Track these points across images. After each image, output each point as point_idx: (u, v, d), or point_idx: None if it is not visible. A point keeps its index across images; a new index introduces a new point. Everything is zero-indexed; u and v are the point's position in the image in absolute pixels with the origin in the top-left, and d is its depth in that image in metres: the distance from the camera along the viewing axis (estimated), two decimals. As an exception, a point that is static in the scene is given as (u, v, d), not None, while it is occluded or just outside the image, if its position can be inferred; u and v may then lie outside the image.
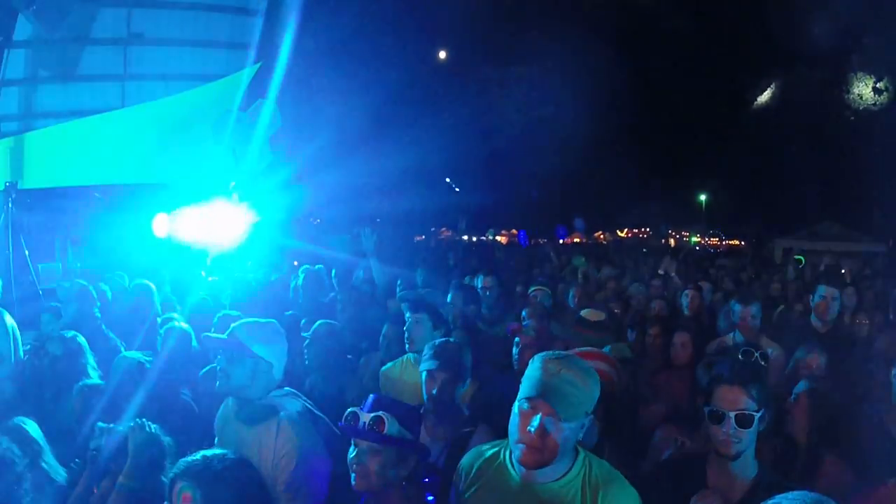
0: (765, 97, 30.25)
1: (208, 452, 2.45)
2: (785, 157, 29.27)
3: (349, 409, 2.65)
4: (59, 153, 10.94)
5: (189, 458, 2.41)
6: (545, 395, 2.28)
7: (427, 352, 3.59)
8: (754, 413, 2.71)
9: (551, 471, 2.34)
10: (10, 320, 5.12)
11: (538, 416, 2.26)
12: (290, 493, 2.99)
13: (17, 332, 5.21)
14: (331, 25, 11.31)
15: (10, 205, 8.26)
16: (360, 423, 2.56)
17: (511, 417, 2.38)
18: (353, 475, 2.57)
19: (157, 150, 11.34)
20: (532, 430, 2.26)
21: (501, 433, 3.34)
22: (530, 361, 2.44)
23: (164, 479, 2.62)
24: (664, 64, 27.21)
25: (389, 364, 4.50)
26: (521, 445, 2.31)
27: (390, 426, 2.54)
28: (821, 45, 24.32)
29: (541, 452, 2.28)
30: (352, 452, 2.59)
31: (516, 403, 2.37)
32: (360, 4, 17.55)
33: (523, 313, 5.67)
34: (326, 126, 15.45)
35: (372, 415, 2.56)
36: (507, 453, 2.48)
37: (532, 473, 2.35)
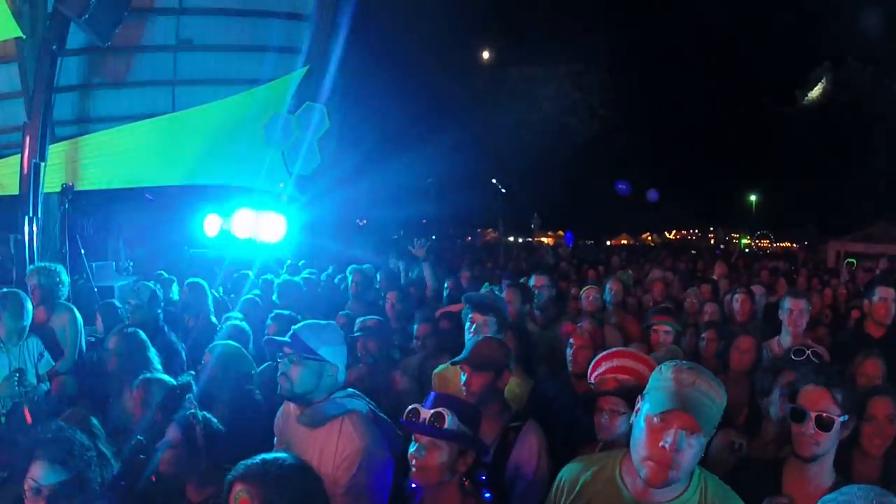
0: (815, 93, 29.38)
1: (268, 456, 2.38)
2: (837, 155, 28.42)
3: (411, 406, 2.64)
4: (112, 156, 11.19)
5: (247, 462, 2.34)
6: (681, 407, 2.09)
7: (467, 350, 3.48)
8: (836, 417, 2.57)
9: (669, 490, 2.18)
10: (79, 317, 5.22)
11: (672, 431, 2.08)
12: (351, 496, 2.89)
13: (83, 328, 5.32)
14: (378, 29, 11.30)
15: (66, 206, 8.44)
16: (421, 419, 2.57)
17: (635, 431, 2.21)
18: (412, 469, 2.56)
19: (208, 152, 11.51)
20: (666, 445, 2.07)
21: (551, 429, 3.29)
22: (656, 371, 2.26)
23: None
24: (712, 60, 26.71)
25: (443, 366, 4.38)
26: (650, 463, 2.12)
27: (450, 422, 2.54)
28: (873, 39, 23.55)
29: (672, 470, 2.10)
30: (412, 447, 2.57)
31: (641, 417, 2.19)
32: (405, 8, 17.63)
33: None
34: (374, 128, 15.50)
35: (433, 411, 2.57)
36: (617, 469, 2.33)
37: (648, 492, 2.19)
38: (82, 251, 8.71)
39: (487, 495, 2.65)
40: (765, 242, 42.53)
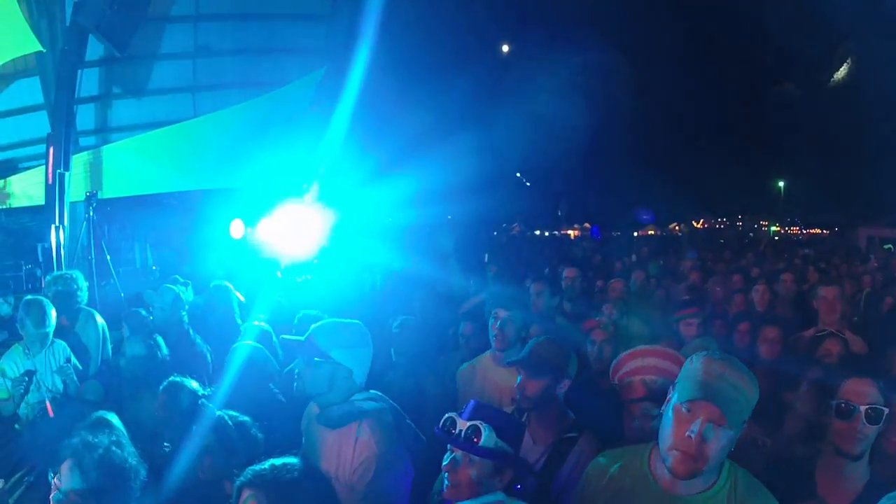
0: (841, 74, 28.68)
1: (277, 461, 2.31)
2: (867, 137, 27.80)
3: (447, 415, 2.53)
4: (135, 163, 11.32)
5: (257, 467, 2.28)
6: (708, 398, 2.05)
7: (525, 351, 3.37)
8: (883, 409, 2.49)
9: (698, 482, 2.13)
10: (100, 320, 5.25)
11: (698, 421, 2.04)
12: (368, 501, 2.81)
13: (107, 333, 5.34)
14: (395, 27, 11.26)
15: (90, 213, 8.53)
16: (457, 431, 2.44)
17: (663, 420, 2.18)
18: (445, 482, 2.46)
19: (230, 156, 11.59)
20: (691, 435, 2.04)
21: (606, 440, 3.09)
22: (687, 361, 2.22)
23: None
24: (733, 44, 26.27)
25: (466, 363, 4.29)
26: (675, 452, 2.08)
27: (487, 438, 2.39)
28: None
29: (697, 461, 2.05)
30: (447, 458, 2.47)
31: (670, 406, 2.15)
32: (423, 5, 17.56)
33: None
34: (397, 126, 15.46)
35: (470, 424, 2.43)
36: (646, 461, 2.29)
37: (677, 483, 2.14)
38: (108, 257, 8.80)
39: None
40: (794, 229, 41.83)
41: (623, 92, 27.36)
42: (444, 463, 2.45)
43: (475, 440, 2.39)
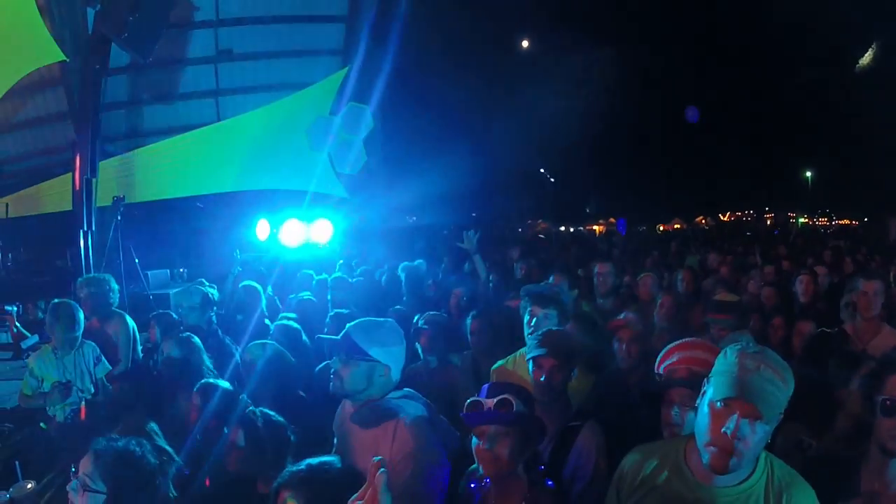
0: (867, 59, 28.05)
1: (314, 461, 2.33)
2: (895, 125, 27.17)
3: (470, 399, 2.58)
4: (162, 168, 11.44)
5: (294, 468, 2.29)
6: (743, 394, 2.02)
7: (533, 340, 3.39)
8: None
9: (735, 474, 2.11)
10: (131, 322, 5.28)
11: (734, 418, 2.01)
12: (405, 500, 2.75)
13: (137, 334, 5.37)
14: (415, 21, 11.23)
15: (118, 218, 8.60)
16: (486, 409, 2.50)
17: (699, 415, 2.15)
18: (481, 463, 2.50)
19: (254, 158, 11.65)
20: (728, 432, 2.01)
21: (611, 429, 3.14)
22: (721, 356, 2.18)
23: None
24: (759, 31, 25.80)
25: (501, 361, 4.22)
26: (712, 448, 2.06)
27: (517, 405, 2.50)
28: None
29: (734, 456, 2.03)
30: (475, 442, 2.50)
31: (705, 402, 2.12)
32: (442, 3, 17.52)
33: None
34: (420, 123, 15.45)
35: (497, 398, 2.51)
36: (682, 454, 2.27)
37: (713, 477, 2.13)
38: (136, 261, 8.88)
39: (550, 483, 2.62)
40: (822, 221, 41.11)
41: (647, 83, 27.03)
42: (477, 445, 2.49)
43: (510, 409, 2.48)
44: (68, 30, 10.41)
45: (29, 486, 3.19)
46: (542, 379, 3.21)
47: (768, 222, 41.30)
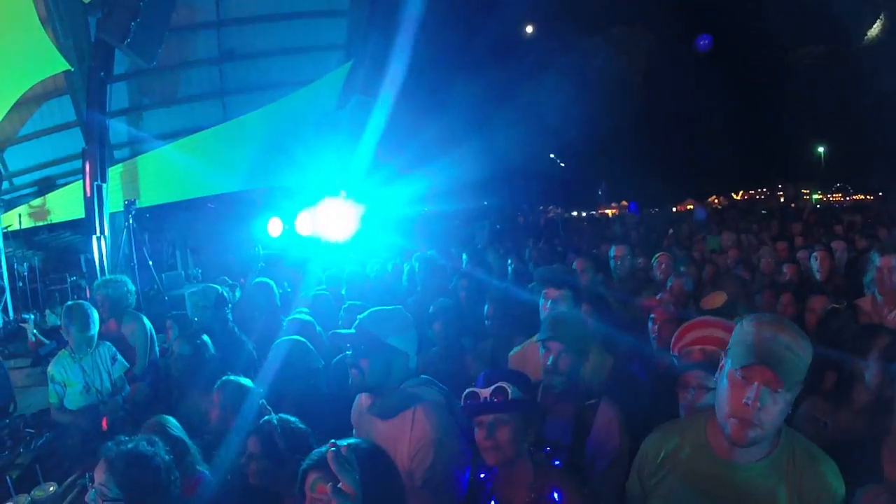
0: (875, 30, 27.61)
1: (341, 442, 2.26)
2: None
3: (466, 391, 2.57)
4: (170, 171, 11.51)
5: (322, 450, 2.20)
6: (762, 361, 1.98)
7: (543, 323, 3.37)
8: None
9: (757, 449, 2.09)
10: (147, 323, 5.30)
11: (754, 387, 1.98)
12: (428, 487, 2.74)
13: (154, 334, 5.39)
14: (417, 10, 11.16)
15: (130, 221, 8.64)
16: (482, 399, 2.51)
17: (718, 389, 2.13)
18: (484, 453, 2.50)
19: (263, 157, 11.71)
20: (748, 402, 1.98)
21: (627, 405, 3.12)
22: (738, 325, 2.14)
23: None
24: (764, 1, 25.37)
25: (517, 347, 4.18)
26: (733, 420, 2.03)
27: (513, 392, 2.49)
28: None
29: (755, 427, 2.00)
30: (477, 432, 2.51)
31: (724, 374, 2.09)
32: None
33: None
34: (427, 112, 15.40)
35: (492, 387, 2.51)
36: (703, 431, 2.24)
37: (735, 452, 2.11)
38: (150, 263, 8.93)
39: (557, 463, 2.65)
40: (836, 196, 40.61)
41: (654, 63, 26.75)
42: (477, 436, 2.49)
43: (505, 397, 2.47)
44: (71, 39, 10.47)
45: (51, 488, 3.22)
46: (549, 362, 3.16)
47: (781, 199, 40.79)
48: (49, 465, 3.61)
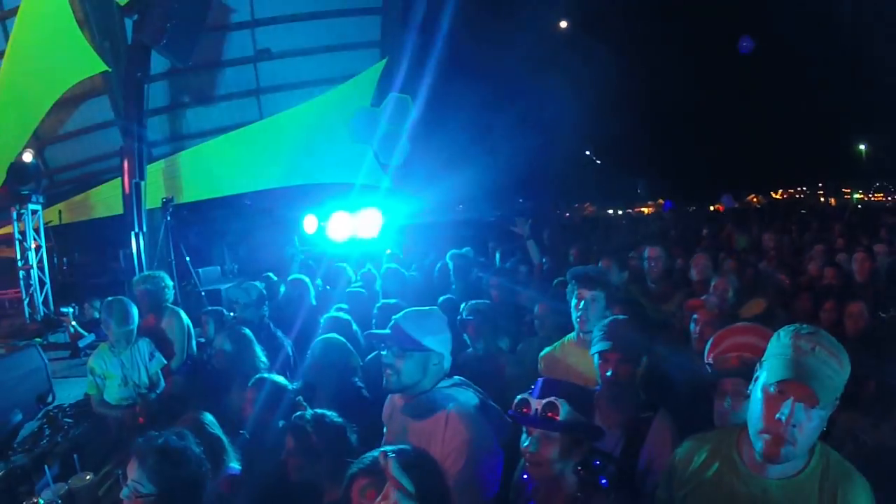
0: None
1: (389, 448, 2.23)
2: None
3: (519, 396, 2.47)
4: (208, 168, 11.66)
5: (372, 454, 2.22)
6: (798, 377, 1.91)
7: (597, 332, 3.22)
8: None
9: (788, 466, 2.01)
10: (185, 318, 5.36)
11: (789, 402, 1.91)
12: (459, 488, 2.66)
13: (192, 330, 5.45)
14: (451, 6, 11.15)
15: (168, 218, 8.77)
16: (532, 411, 2.39)
17: (751, 402, 2.05)
18: (526, 464, 2.44)
19: (299, 154, 11.79)
20: (782, 418, 1.91)
21: (682, 418, 2.98)
22: (774, 337, 2.06)
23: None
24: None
25: (549, 348, 4.11)
26: (766, 436, 1.96)
27: (563, 411, 2.36)
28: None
29: (788, 444, 1.93)
30: (524, 441, 2.42)
31: (758, 387, 2.02)
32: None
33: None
34: (462, 110, 15.37)
35: (544, 401, 2.38)
36: (734, 445, 2.18)
37: (766, 468, 2.04)
38: (187, 259, 9.04)
39: (604, 482, 2.47)
40: (878, 196, 39.58)
41: (694, 59, 26.28)
42: (523, 445, 2.40)
43: (553, 417, 2.35)
44: (108, 41, 10.69)
45: (87, 477, 3.27)
46: (608, 374, 3.06)
47: (822, 199, 39.84)
48: (86, 455, 3.64)
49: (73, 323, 8.26)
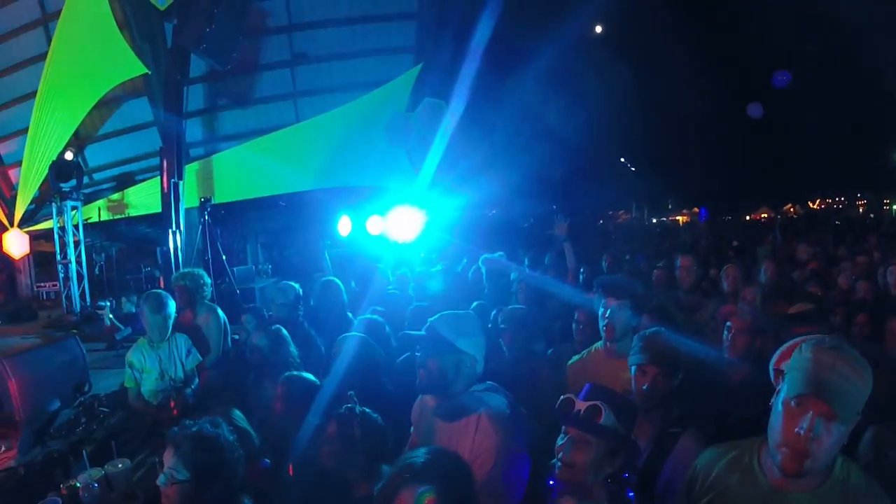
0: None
1: (425, 451, 2.25)
2: None
3: (564, 395, 2.45)
4: (244, 169, 11.85)
5: (419, 460, 2.20)
6: (819, 392, 1.89)
7: (636, 343, 3.19)
8: None
9: (808, 479, 1.98)
10: (222, 314, 5.45)
11: (808, 417, 1.90)
12: (486, 492, 2.68)
13: (228, 326, 5.55)
14: (484, 11, 11.16)
15: (205, 218, 8.93)
16: (575, 411, 2.37)
17: (772, 414, 2.03)
18: (557, 465, 2.37)
19: (333, 157, 11.93)
20: (801, 431, 1.90)
21: (710, 436, 2.89)
22: (797, 350, 2.06)
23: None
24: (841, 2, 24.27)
25: (577, 356, 4.10)
26: (785, 449, 1.95)
27: (606, 417, 2.34)
28: None
29: (807, 458, 1.91)
30: (561, 440, 2.38)
31: (779, 400, 2.00)
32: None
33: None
34: (496, 118, 15.38)
35: (589, 403, 2.37)
36: (755, 456, 2.15)
37: (786, 481, 2.01)
38: (223, 257, 9.18)
39: (631, 495, 2.42)
40: (920, 208, 38.49)
41: (730, 67, 25.85)
42: (559, 443, 2.38)
43: (595, 419, 2.33)
44: (148, 44, 10.92)
45: (119, 465, 3.34)
46: (644, 388, 3.03)
47: (860, 209, 38.91)
48: (120, 443, 3.73)
49: (110, 316, 8.43)
